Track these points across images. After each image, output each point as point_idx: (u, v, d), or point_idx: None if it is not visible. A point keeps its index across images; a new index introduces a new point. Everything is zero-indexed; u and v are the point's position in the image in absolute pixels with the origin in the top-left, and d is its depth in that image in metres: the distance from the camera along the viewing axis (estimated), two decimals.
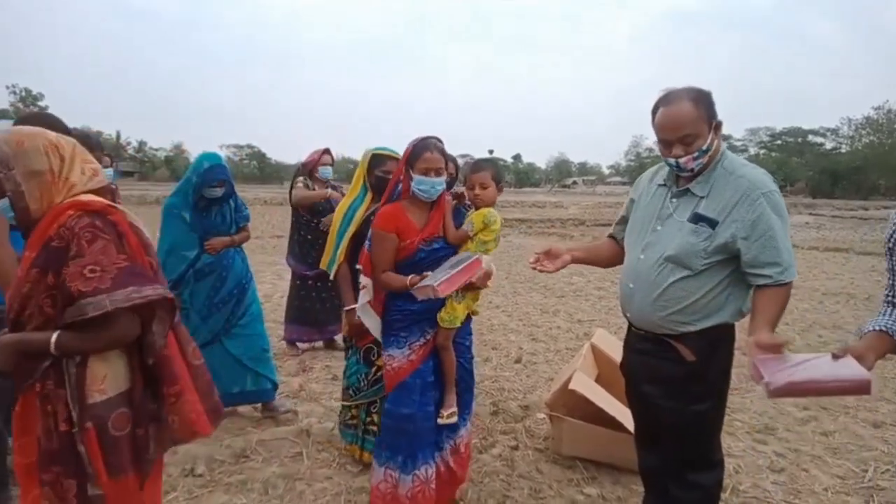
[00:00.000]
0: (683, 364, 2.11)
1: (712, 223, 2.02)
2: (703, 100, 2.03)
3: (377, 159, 3.22)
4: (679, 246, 2.06)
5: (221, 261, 3.72)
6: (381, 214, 2.63)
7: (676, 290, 2.07)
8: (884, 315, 1.79)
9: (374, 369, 3.09)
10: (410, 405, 2.58)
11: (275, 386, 3.89)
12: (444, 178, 2.59)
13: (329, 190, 5.09)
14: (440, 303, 2.57)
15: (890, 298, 1.82)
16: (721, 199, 2.02)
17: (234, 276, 3.77)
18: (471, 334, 2.83)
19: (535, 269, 2.40)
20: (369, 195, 3.21)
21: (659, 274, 2.11)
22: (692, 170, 2.06)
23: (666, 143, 2.07)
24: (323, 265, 3.30)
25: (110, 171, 3.65)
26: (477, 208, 2.65)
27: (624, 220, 2.42)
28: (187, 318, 3.64)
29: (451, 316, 2.58)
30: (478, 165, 2.73)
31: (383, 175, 3.14)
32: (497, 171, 2.71)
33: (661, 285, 2.09)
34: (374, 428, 3.09)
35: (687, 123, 2.01)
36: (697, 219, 2.05)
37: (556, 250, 2.41)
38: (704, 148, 2.01)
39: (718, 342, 2.14)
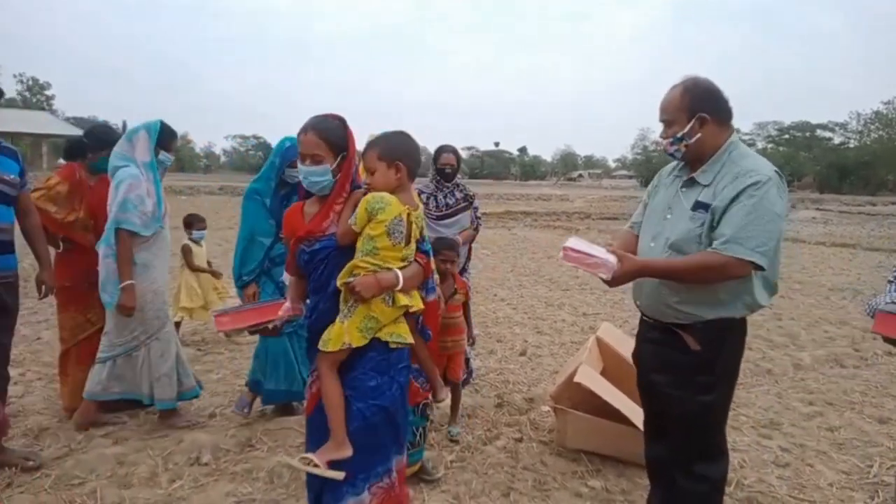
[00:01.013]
0: (690, 353, 2.12)
1: (707, 209, 2.05)
2: (694, 91, 2.11)
3: None
4: (679, 233, 2.11)
5: None
6: (285, 214, 2.32)
7: None
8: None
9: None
10: (311, 443, 2.16)
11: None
12: (321, 168, 2.08)
13: None
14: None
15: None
16: (719, 187, 2.06)
17: None
18: (384, 373, 2.07)
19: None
20: None
21: None
22: (672, 155, 2.19)
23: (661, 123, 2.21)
24: None
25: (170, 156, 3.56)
26: None
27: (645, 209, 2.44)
28: None
29: (326, 335, 2.03)
30: (366, 145, 2.24)
31: None
32: (388, 148, 2.10)
33: None
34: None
35: (666, 108, 2.15)
36: (697, 206, 2.09)
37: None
38: (679, 136, 2.11)
39: (727, 334, 2.14)
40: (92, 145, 3.61)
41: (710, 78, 2.15)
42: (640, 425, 2.88)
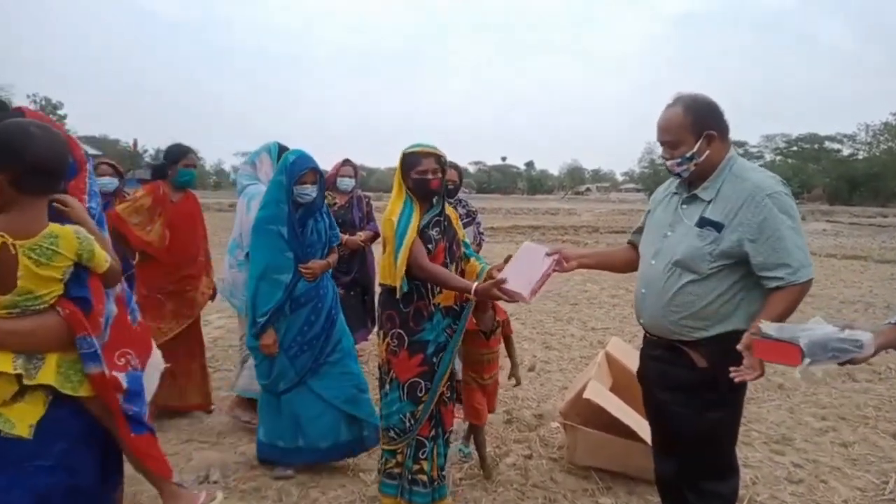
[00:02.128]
0: (696, 370, 2.11)
1: (718, 226, 2.04)
2: (696, 108, 2.08)
3: (410, 159, 2.60)
4: (685, 250, 2.09)
5: (318, 289, 3.17)
6: None
7: (685, 294, 2.08)
8: None
9: (420, 406, 2.62)
10: None
11: (376, 429, 3.08)
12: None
13: (346, 237, 5.07)
14: None
15: None
16: (727, 203, 2.04)
17: (327, 307, 3.21)
18: (2, 470, 1.49)
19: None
20: (416, 203, 2.63)
21: (668, 279, 2.13)
22: (679, 175, 2.15)
23: (661, 144, 2.17)
24: (393, 282, 2.59)
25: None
26: None
27: (641, 229, 2.44)
28: (273, 359, 3.10)
29: None
30: None
31: (420, 177, 2.57)
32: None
33: (671, 290, 2.11)
34: (424, 478, 2.65)
35: (669, 129, 2.11)
36: (703, 223, 2.07)
37: (566, 254, 2.46)
38: (688, 155, 2.08)
39: (732, 349, 2.07)
40: (168, 161, 3.99)
41: (719, 91, 2.16)
42: (650, 441, 2.87)
